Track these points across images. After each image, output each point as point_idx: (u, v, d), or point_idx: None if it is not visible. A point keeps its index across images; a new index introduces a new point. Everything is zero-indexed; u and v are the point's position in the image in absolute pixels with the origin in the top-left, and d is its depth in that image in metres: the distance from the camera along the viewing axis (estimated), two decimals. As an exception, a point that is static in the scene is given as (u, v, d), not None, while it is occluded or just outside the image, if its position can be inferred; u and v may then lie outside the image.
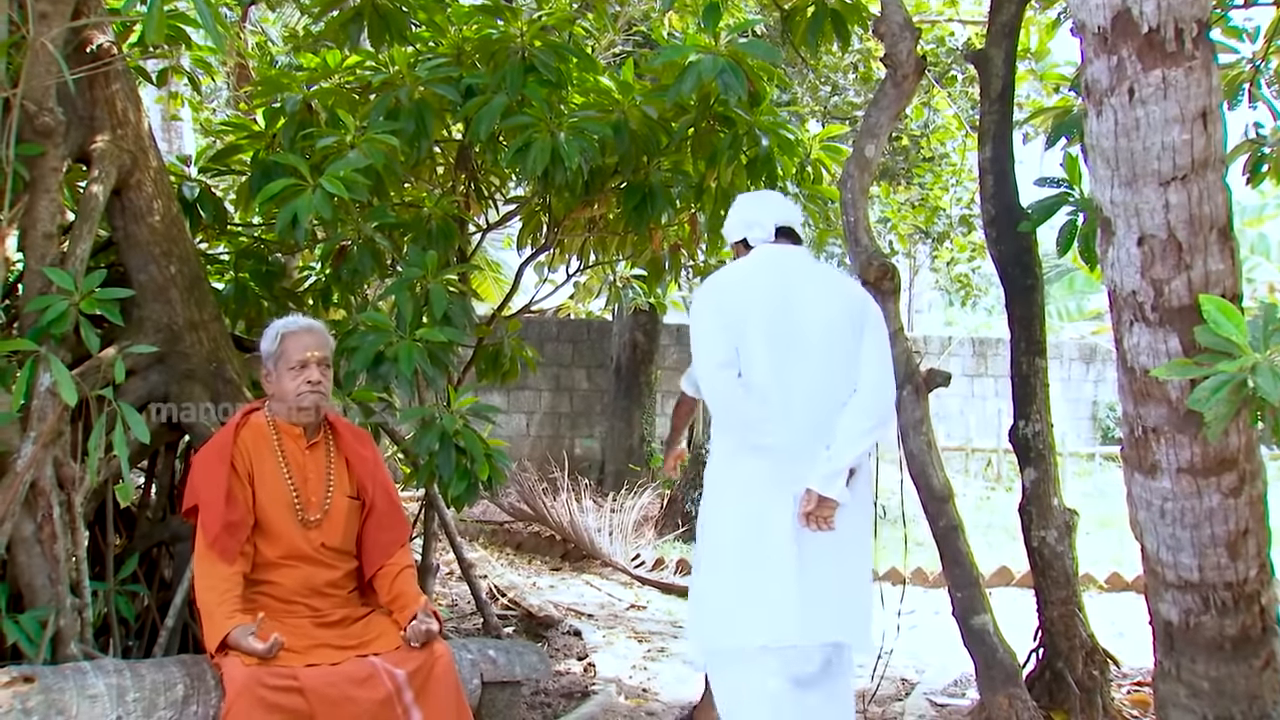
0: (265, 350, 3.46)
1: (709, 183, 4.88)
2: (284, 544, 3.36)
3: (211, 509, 3.25)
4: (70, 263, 3.65)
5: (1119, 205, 2.82)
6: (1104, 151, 2.81)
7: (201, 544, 3.25)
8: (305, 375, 3.41)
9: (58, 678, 3.03)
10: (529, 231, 5.47)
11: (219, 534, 3.22)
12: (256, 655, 3.05)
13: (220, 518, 3.23)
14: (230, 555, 3.23)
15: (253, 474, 3.36)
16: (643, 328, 11.79)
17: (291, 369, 3.41)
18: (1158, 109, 2.70)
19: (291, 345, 3.43)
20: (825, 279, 3.50)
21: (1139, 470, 2.99)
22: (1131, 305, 2.87)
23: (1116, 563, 8.02)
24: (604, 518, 8.80)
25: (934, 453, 4.03)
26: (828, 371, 3.33)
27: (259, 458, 3.39)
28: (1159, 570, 3.07)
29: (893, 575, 7.48)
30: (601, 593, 7.51)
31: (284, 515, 3.37)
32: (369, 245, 4.28)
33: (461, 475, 4.15)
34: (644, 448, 11.81)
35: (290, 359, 3.41)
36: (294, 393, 3.41)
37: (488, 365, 5.39)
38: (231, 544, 3.23)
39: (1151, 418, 2.91)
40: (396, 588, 3.46)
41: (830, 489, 3.22)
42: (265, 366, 3.47)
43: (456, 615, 6.32)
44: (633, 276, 6.20)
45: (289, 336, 3.44)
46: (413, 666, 3.23)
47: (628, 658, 5.69)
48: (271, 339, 3.46)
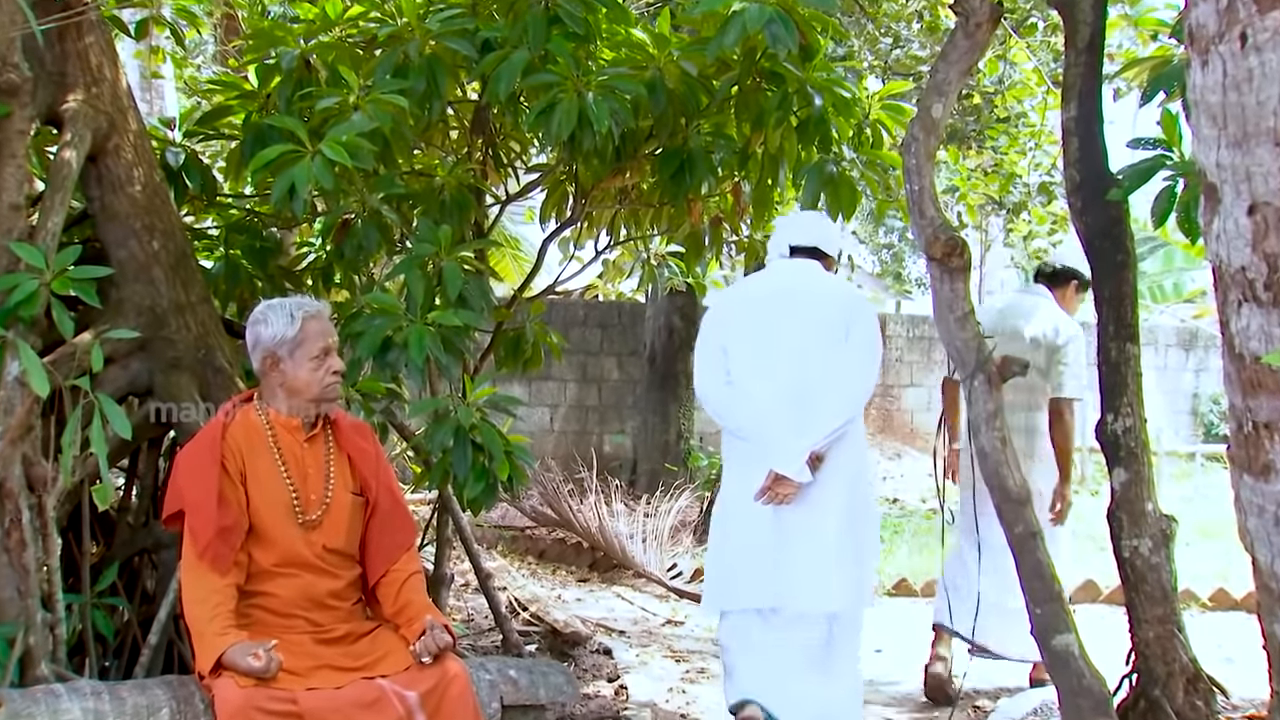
0: (276, 335, 3.37)
1: (754, 148, 4.84)
2: (281, 549, 3.34)
3: (201, 513, 3.23)
4: (40, 237, 3.65)
5: (1226, 169, 2.73)
6: (1209, 107, 2.73)
7: (190, 553, 3.23)
8: (328, 364, 3.39)
9: (27, 702, 3.03)
10: (553, 203, 5.45)
11: (211, 541, 3.19)
12: (255, 675, 3.03)
13: (212, 523, 3.20)
14: (224, 565, 3.20)
15: (245, 473, 3.34)
16: (680, 311, 11.73)
17: (314, 358, 3.38)
18: (1274, 57, 2.61)
19: (314, 330, 3.40)
20: (818, 287, 4.34)
21: (1248, 472, 2.91)
22: (1240, 283, 2.78)
23: (1222, 577, 7.90)
24: (637, 523, 8.77)
25: (1009, 450, 3.95)
26: (804, 371, 4.18)
27: (252, 455, 3.36)
28: (1273, 587, 2.98)
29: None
30: (634, 606, 7.49)
31: (281, 517, 3.35)
32: (375, 218, 4.27)
33: (478, 475, 4.14)
34: (681, 445, 11.77)
35: (312, 346, 3.38)
36: (318, 384, 3.39)
37: (507, 352, 5.38)
38: (225, 552, 3.21)
39: (1263, 411, 2.83)
40: (403, 597, 3.44)
41: (788, 469, 4.10)
42: (275, 353, 3.38)
43: (473, 631, 6.31)
44: (669, 253, 6.19)
45: (311, 320, 3.40)
46: (425, 688, 3.21)
47: (664, 679, 5.67)
48: (287, 321, 3.37)
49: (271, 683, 3.05)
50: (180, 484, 3.31)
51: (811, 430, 4.14)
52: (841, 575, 4.25)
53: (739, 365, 4.28)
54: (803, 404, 4.16)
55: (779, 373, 4.21)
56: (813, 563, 4.20)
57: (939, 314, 4.03)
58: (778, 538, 4.21)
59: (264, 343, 3.40)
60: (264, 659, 3.04)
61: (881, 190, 5.18)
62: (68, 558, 3.95)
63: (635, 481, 11.68)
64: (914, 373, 14.44)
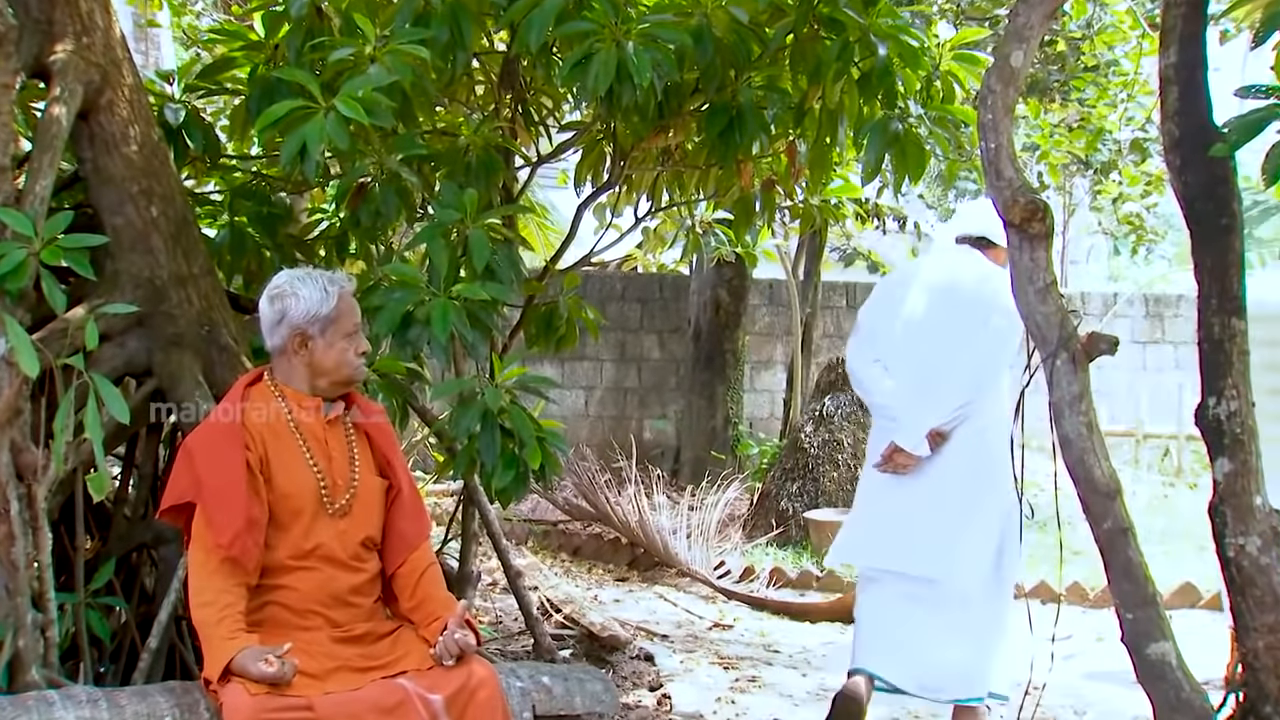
0: (310, 311, 3.34)
1: (811, 103, 4.80)
2: (303, 542, 3.33)
3: (227, 504, 3.20)
4: (28, 203, 3.65)
5: (1350, 120, 2.66)
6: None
7: (202, 549, 3.22)
8: (356, 343, 3.42)
9: (18, 709, 3.04)
10: (589, 165, 5.44)
11: (239, 534, 3.17)
12: (268, 682, 3.02)
13: (240, 514, 3.19)
14: (251, 560, 3.21)
15: (267, 458, 3.33)
16: (728, 284, 11.70)
17: (348, 337, 3.40)
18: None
19: (348, 307, 3.42)
20: (971, 274, 4.85)
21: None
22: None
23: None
24: (680, 517, 8.76)
25: (1096, 437, 3.89)
26: (939, 353, 4.70)
27: (273, 437, 3.36)
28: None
29: (1043, 591, 7.36)
30: (678, 608, 7.48)
31: (310, 505, 3.35)
32: (394, 182, 4.25)
33: (508, 463, 4.14)
34: (729, 431, 11.75)
35: (346, 324, 3.40)
36: (349, 365, 3.41)
37: (539, 329, 5.37)
38: (252, 546, 3.21)
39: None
40: (421, 591, 3.44)
41: (906, 442, 4.69)
42: (305, 331, 3.36)
43: (502, 634, 6.33)
44: (715, 220, 6.15)
45: (345, 296, 3.42)
46: (451, 690, 3.20)
47: (711, 688, 5.66)
48: (322, 296, 3.35)
49: (285, 689, 3.04)
50: (199, 472, 3.27)
51: (934, 408, 4.66)
52: (966, 551, 4.68)
53: (885, 346, 4.82)
54: (932, 384, 4.69)
55: (918, 355, 4.75)
56: (934, 532, 4.68)
57: (1017, 286, 3.97)
58: (906, 505, 4.75)
59: (293, 318, 3.36)
60: (277, 665, 3.03)
61: (952, 149, 5.11)
62: (60, 553, 3.95)
63: (678, 471, 11.68)
64: (988, 351, 14.34)
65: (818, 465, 9.18)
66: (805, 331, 11.60)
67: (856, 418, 9.23)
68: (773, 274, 12.60)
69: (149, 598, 4.34)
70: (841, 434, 9.22)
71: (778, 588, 7.86)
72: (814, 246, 11.66)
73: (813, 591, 7.84)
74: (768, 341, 13.14)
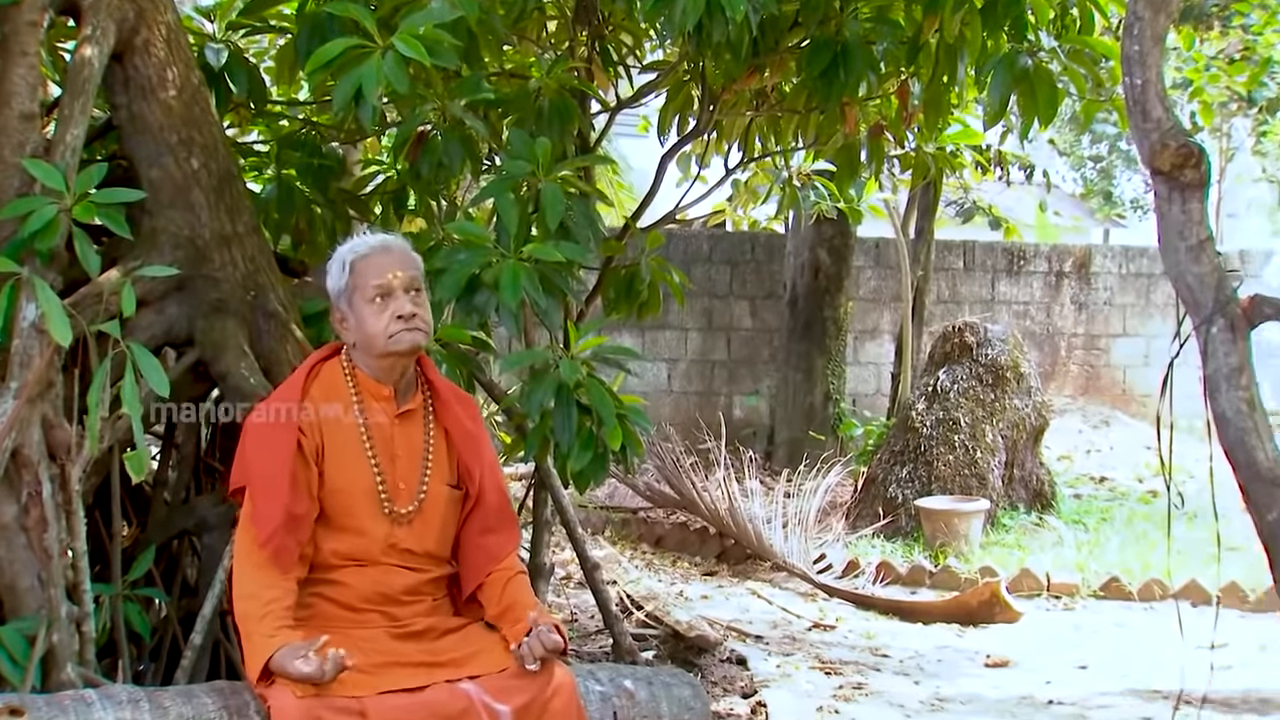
0: (334, 288, 3.40)
1: (927, 36, 4.78)
2: (360, 543, 3.35)
3: (269, 495, 3.24)
4: (58, 153, 3.68)
5: None
6: None
7: (246, 539, 3.26)
8: (392, 307, 3.33)
9: (54, 709, 3.09)
10: (674, 111, 5.43)
11: (276, 530, 3.20)
12: (308, 682, 3.03)
13: (280, 508, 3.21)
14: (288, 560, 3.22)
15: (323, 448, 3.34)
16: (828, 243, 11.62)
17: (373, 302, 3.34)
18: None
19: (365, 272, 3.37)
20: None
21: None
22: None
23: None
24: (775, 504, 8.74)
25: (1258, 416, 3.82)
26: None
27: (333, 426, 3.36)
28: None
29: (1194, 592, 7.30)
30: (774, 606, 7.49)
31: (364, 505, 3.35)
32: (457, 130, 4.26)
33: (585, 443, 4.14)
34: (829, 409, 11.69)
35: (367, 290, 3.34)
36: (384, 334, 3.33)
37: (619, 294, 5.39)
38: (291, 545, 3.23)
39: None
40: (508, 596, 3.43)
41: None
42: (339, 310, 3.41)
43: (578, 633, 6.36)
44: (815, 172, 6.11)
45: (359, 263, 3.38)
46: (523, 699, 3.20)
47: (812, 695, 5.65)
48: (338, 272, 3.40)
49: (335, 688, 3.05)
50: (249, 455, 3.31)
51: None
52: None
53: None
54: None
55: None
56: None
57: (1165, 243, 3.90)
58: None
59: (331, 298, 3.45)
60: (315, 663, 3.03)
61: (1090, 88, 5.04)
62: (95, 541, 4.01)
63: (773, 453, 11.66)
64: (1127, 319, 14.10)
65: (930, 447, 9.11)
66: (916, 297, 11.49)
67: (974, 394, 9.15)
68: (880, 232, 12.50)
69: (191, 590, 4.39)
70: (958, 412, 9.13)
71: (885, 584, 7.82)
72: (927, 201, 11.54)
73: (925, 589, 7.79)
74: (874, 308, 13.06)
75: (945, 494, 8.83)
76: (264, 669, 3.11)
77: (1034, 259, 13.80)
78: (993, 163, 10.75)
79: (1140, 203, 22.63)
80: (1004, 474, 9.13)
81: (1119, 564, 8.01)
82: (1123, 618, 7.14)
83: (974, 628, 6.98)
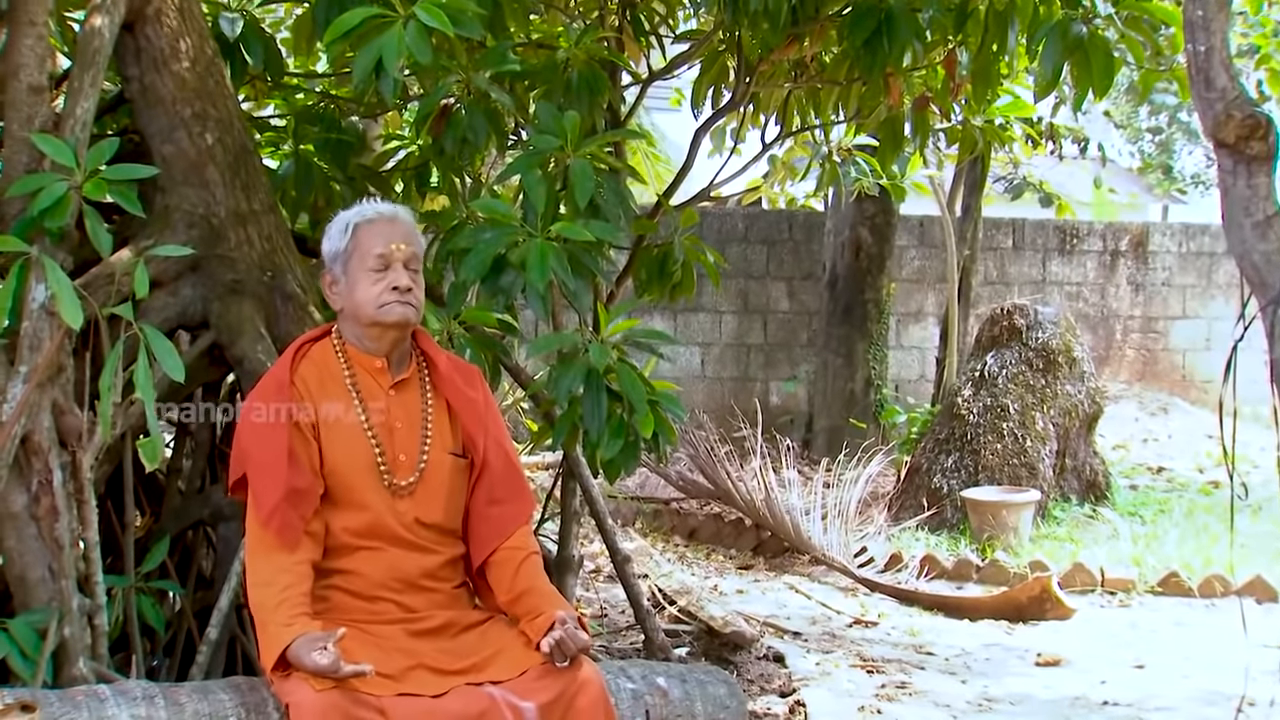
0: (330, 250, 3.46)
1: (975, 3, 4.78)
2: (364, 518, 3.38)
3: (267, 474, 3.28)
4: (68, 128, 3.70)
5: None
6: None
7: (253, 526, 3.29)
8: (389, 279, 3.38)
9: (67, 706, 3.11)
10: (708, 83, 5.41)
11: (278, 506, 3.23)
12: (323, 674, 3.05)
13: (280, 484, 3.25)
14: (292, 536, 3.25)
15: (318, 424, 3.38)
16: (870, 221, 11.60)
17: (370, 270, 3.39)
18: None
19: (368, 238, 3.42)
20: None
21: None
22: None
23: None
24: (814, 495, 8.72)
25: (1326, 405, 3.80)
26: None
27: (326, 401, 3.41)
28: None
29: (1259, 588, 7.28)
30: (812, 601, 7.48)
31: (364, 479, 3.39)
32: (482, 103, 4.26)
33: (615, 431, 4.14)
34: (871, 395, 11.68)
35: (367, 257, 3.39)
36: (374, 303, 3.38)
37: (651, 275, 5.38)
38: (294, 519, 3.25)
39: None
40: (521, 581, 3.44)
41: None
42: (330, 272, 3.46)
43: (607, 629, 6.37)
44: (857, 147, 6.09)
45: (363, 227, 3.43)
46: (548, 697, 3.21)
47: (853, 695, 5.64)
48: (339, 234, 3.45)
49: (355, 685, 3.07)
50: (243, 441, 3.36)
51: None
52: None
53: None
54: None
55: None
56: None
57: (1229, 219, 3.88)
58: None
59: (325, 260, 3.49)
60: (332, 655, 3.04)
61: (1148, 56, 5.01)
62: (108, 531, 4.04)
63: (811, 442, 11.64)
64: (1186, 300, 14.03)
65: (977, 435, 9.08)
66: (963, 278, 11.45)
67: (1024, 379, 9.12)
68: (924, 209, 12.45)
69: (207, 582, 4.42)
70: (1006, 398, 9.10)
71: (930, 579, 7.80)
72: (974, 176, 11.48)
73: (972, 584, 7.77)
74: (917, 290, 13.02)
75: (993, 484, 8.80)
76: (280, 658, 3.12)
77: (1088, 237, 13.73)
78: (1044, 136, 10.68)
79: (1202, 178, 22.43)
80: (1055, 463, 9.09)
81: (1178, 558, 7.96)
82: (1182, 615, 7.10)
83: (1024, 625, 6.96)
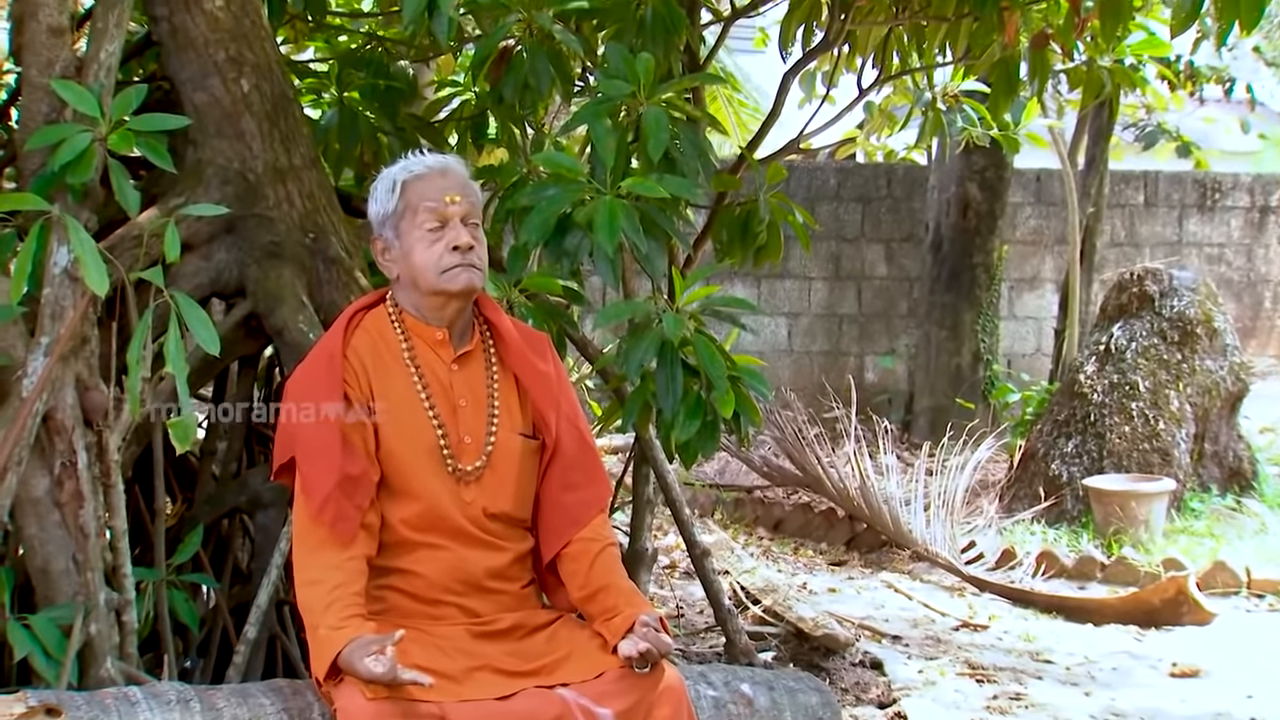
0: (378, 213, 3.44)
1: (1103, -75, 4.70)
2: (425, 510, 3.38)
3: (318, 459, 3.28)
4: (91, 73, 3.70)
5: None
6: None
7: (302, 517, 3.30)
8: (447, 237, 3.36)
9: (95, 709, 3.16)
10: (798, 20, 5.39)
11: (330, 496, 3.23)
12: (378, 682, 3.05)
13: (333, 470, 3.25)
14: (347, 528, 3.25)
15: (373, 404, 3.39)
16: (980, 176, 11.54)
17: (426, 231, 3.36)
18: None
19: (418, 194, 3.39)
20: None
21: None
22: None
23: None
24: (915, 483, 8.71)
25: None
26: None
27: (383, 378, 3.41)
28: None
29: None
30: (913, 602, 7.48)
31: (425, 464, 3.38)
32: (545, 45, 4.28)
33: (692, 411, 4.15)
34: (980, 371, 11.64)
35: (419, 215, 3.37)
36: (436, 268, 3.35)
37: (732, 237, 5.38)
38: (349, 510, 3.26)
39: None
40: (597, 576, 3.45)
41: None
42: (381, 238, 3.45)
43: (685, 630, 6.39)
44: (964, 93, 6.05)
45: (412, 183, 3.40)
46: (626, 704, 3.22)
47: (960, 707, 5.65)
48: (386, 193, 3.42)
49: (413, 692, 3.07)
50: (292, 421, 3.36)
51: None
52: None
53: None
54: None
55: None
56: None
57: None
58: None
59: (372, 224, 3.47)
60: (387, 663, 3.03)
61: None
62: (136, 519, 4.09)
63: (912, 424, 11.64)
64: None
65: (1102, 417, 9.02)
66: (1086, 239, 11.34)
67: (1156, 353, 9.04)
68: (1042, 162, 12.36)
69: (244, 576, 4.46)
70: (1135, 375, 9.03)
71: (1048, 578, 7.77)
72: (1100, 124, 11.37)
73: (1096, 584, 7.72)
74: (1034, 253, 12.95)
75: (1120, 472, 8.75)
76: (332, 665, 3.12)
77: (1232, 192, 13.58)
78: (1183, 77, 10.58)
79: (1362, 121, 22.07)
80: (1192, 449, 9.01)
81: (1300, 558, 7.91)
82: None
83: (1156, 630, 6.91)
